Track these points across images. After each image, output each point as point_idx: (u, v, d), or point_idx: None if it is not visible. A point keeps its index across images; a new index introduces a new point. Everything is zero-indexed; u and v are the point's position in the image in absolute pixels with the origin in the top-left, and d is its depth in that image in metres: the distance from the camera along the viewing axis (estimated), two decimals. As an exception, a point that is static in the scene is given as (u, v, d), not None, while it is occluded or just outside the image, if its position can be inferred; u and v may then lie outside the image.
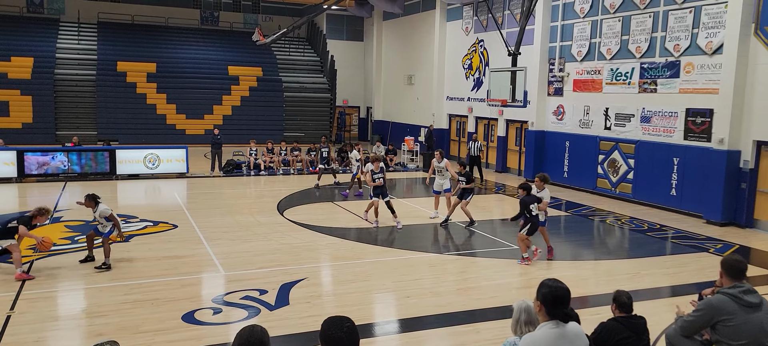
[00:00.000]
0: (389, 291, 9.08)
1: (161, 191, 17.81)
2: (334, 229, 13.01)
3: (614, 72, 17.40)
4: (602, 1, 17.71)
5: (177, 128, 29.69)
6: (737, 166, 13.96)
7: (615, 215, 15.16)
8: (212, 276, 9.56)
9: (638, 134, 16.68)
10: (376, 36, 33.48)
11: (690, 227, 13.89)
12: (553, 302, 3.63)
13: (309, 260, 10.51)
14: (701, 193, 14.64)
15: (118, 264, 9.83)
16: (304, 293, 8.68)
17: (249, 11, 37.23)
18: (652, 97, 16.22)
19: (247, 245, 11.45)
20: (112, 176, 19.30)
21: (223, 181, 19.78)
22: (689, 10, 15.02)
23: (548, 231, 11.21)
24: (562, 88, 19.47)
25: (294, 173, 21.58)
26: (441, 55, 26.68)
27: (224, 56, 33.51)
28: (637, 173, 16.69)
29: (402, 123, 30.80)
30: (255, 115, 31.26)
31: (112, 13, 33.95)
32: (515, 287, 9.31)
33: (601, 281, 9.77)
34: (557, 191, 18.74)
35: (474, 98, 24.49)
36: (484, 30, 23.50)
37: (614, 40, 17.32)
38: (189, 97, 30.61)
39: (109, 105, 29.09)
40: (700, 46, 14.74)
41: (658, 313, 7.69)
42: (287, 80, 33.41)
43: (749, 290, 4.72)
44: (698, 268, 10.52)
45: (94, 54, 31.03)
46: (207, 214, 14.17)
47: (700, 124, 14.84)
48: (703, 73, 14.72)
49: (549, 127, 20.17)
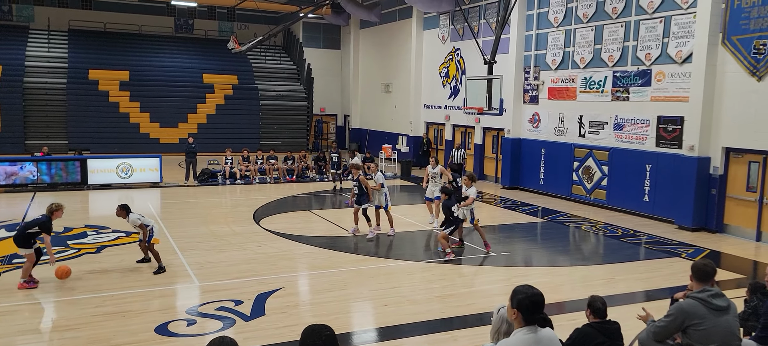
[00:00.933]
0: (367, 300, 9.03)
1: (134, 201, 17.49)
2: (312, 238, 12.92)
3: (588, 80, 17.65)
4: (575, 11, 17.98)
5: (151, 137, 29.31)
6: (707, 173, 14.24)
7: (590, 221, 15.33)
8: (186, 287, 9.41)
9: (612, 142, 16.92)
10: (353, 44, 33.51)
11: (662, 232, 14.12)
12: (530, 308, 3.64)
13: (285, 270, 10.41)
14: (673, 199, 14.89)
15: (89, 276, 9.63)
16: (281, 303, 8.60)
17: (224, 19, 37.00)
18: (624, 105, 16.48)
19: (223, 255, 11.31)
20: (84, 186, 18.94)
21: (197, 190, 19.55)
22: (659, 20, 15.32)
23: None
24: (538, 97, 19.68)
25: (270, 182, 21.43)
26: (418, 63, 26.81)
27: (199, 64, 33.23)
28: (611, 180, 16.93)
29: (380, 131, 30.82)
30: (230, 123, 31.01)
31: (84, 21, 33.45)
32: (493, 293, 9.34)
33: (577, 286, 9.86)
34: (533, 197, 18.92)
35: (451, 106, 24.63)
36: (461, 39, 23.68)
37: (587, 49, 17.58)
38: (163, 105, 30.25)
39: (81, 114, 28.60)
40: (671, 55, 15.04)
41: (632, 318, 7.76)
42: (263, 88, 33.23)
43: (718, 294, 4.80)
44: (671, 273, 10.68)
45: (65, 62, 30.53)
46: (181, 224, 13.97)
47: (671, 132, 15.12)
48: (674, 82, 15.01)
49: (525, 134, 20.36)
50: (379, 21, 29.73)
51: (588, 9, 17.49)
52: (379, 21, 29.73)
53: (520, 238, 13.58)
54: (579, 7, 17.81)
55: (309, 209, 16.49)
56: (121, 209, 10.17)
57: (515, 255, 12.02)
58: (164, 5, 34.42)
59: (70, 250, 11.35)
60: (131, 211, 10.17)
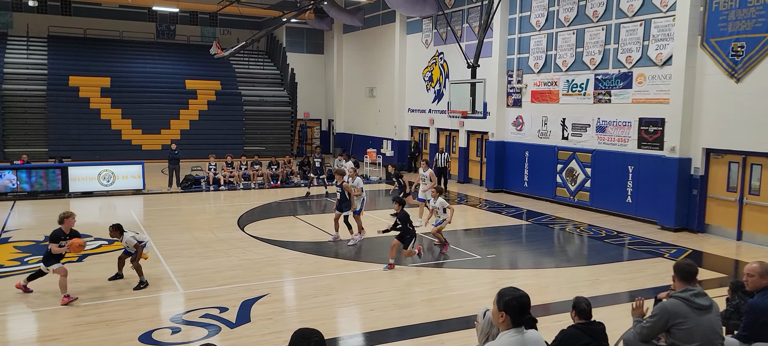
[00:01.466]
0: (353, 305, 9.01)
1: (117, 209, 17.33)
2: (297, 243, 12.87)
3: (570, 83, 17.81)
4: (557, 15, 18.14)
5: (133, 144, 29.03)
6: (688, 173, 14.42)
7: (574, 223, 15.45)
8: (171, 295, 9.32)
9: (594, 144, 17.08)
10: (337, 49, 33.51)
11: (645, 233, 14.26)
12: (518, 309, 3.65)
13: (270, 276, 10.35)
14: (655, 200, 15.05)
15: (71, 285, 9.48)
16: (266, 309, 8.54)
17: (207, 24, 36.81)
18: (606, 108, 16.65)
19: (207, 261, 11.22)
20: (65, 194, 18.69)
21: (181, 197, 19.38)
22: (640, 23, 15.51)
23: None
24: (521, 100, 19.81)
25: (255, 188, 21.31)
26: (402, 67, 26.86)
27: (181, 70, 33.00)
28: (594, 182, 17.08)
29: (364, 135, 30.82)
30: (214, 129, 30.83)
31: (63, 27, 33.07)
32: (480, 296, 9.36)
33: (562, 288, 9.92)
34: (518, 200, 19.02)
35: (435, 110, 24.70)
36: (444, 43, 23.77)
37: (569, 52, 17.74)
38: (145, 111, 29.99)
39: (61, 121, 28.25)
40: (651, 58, 15.23)
41: (616, 318, 7.83)
42: (247, 94, 33.08)
43: (700, 293, 4.86)
44: (654, 273, 10.79)
45: (45, 69, 30.15)
46: (165, 231, 13.84)
47: (652, 133, 15.29)
48: (655, 84, 15.20)
49: (509, 137, 20.48)
50: (362, 25, 29.75)
51: (569, 13, 17.66)
52: (362, 25, 29.75)
53: (505, 240, 13.64)
54: (560, 11, 17.98)
55: (294, 215, 16.43)
56: (115, 229, 9.71)
57: (501, 258, 12.07)
58: (145, 11, 34.15)
59: (51, 259, 11.16)
60: (125, 230, 9.76)
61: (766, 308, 4.96)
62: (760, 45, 12.68)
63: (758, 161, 13.15)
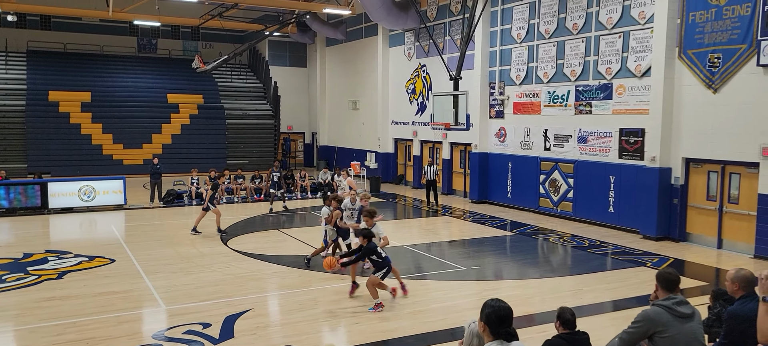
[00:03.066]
0: (337, 318, 8.95)
1: (97, 225, 17.10)
2: (281, 257, 12.78)
3: (551, 95, 17.98)
4: (538, 27, 18.35)
5: (114, 159, 28.72)
6: (669, 183, 14.59)
7: (557, 233, 15.54)
8: (152, 311, 9.19)
9: (576, 154, 17.23)
10: (320, 62, 33.53)
11: (628, 242, 14.38)
12: (496, 321, 3.67)
13: (254, 291, 10.26)
14: (637, 209, 15.20)
15: (50, 302, 9.32)
16: (250, 324, 8.46)
17: (188, 38, 36.65)
18: (587, 119, 16.82)
19: (190, 277, 11.10)
20: (44, 210, 18.40)
21: (163, 212, 19.18)
22: (618, 36, 15.74)
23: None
24: (503, 111, 19.95)
25: (238, 202, 21.17)
26: (384, 80, 26.94)
27: (163, 84, 32.77)
28: (576, 192, 17.21)
29: (348, 148, 30.80)
30: (196, 143, 30.61)
31: (43, 42, 32.74)
32: (464, 308, 9.35)
33: (546, 298, 9.95)
34: (501, 211, 19.09)
35: (418, 122, 24.78)
36: (426, 55, 23.90)
37: (550, 64, 17.93)
38: (126, 126, 29.71)
39: (41, 136, 27.87)
40: (630, 69, 15.44)
41: (601, 328, 7.87)
42: (229, 107, 32.93)
43: (682, 302, 4.89)
44: (637, 282, 10.87)
45: (24, 83, 29.79)
46: (146, 246, 13.67)
47: (633, 144, 15.47)
48: (634, 95, 15.40)
49: (492, 149, 20.59)
50: (345, 39, 29.83)
51: (550, 25, 17.87)
52: (345, 39, 29.83)
53: (489, 252, 13.67)
54: (541, 24, 18.19)
55: (278, 228, 16.33)
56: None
57: (485, 269, 12.09)
58: (127, 25, 33.92)
59: (30, 276, 10.98)
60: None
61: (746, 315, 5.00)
62: (735, 56, 12.92)
63: (736, 170, 13.36)
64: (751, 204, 12.97)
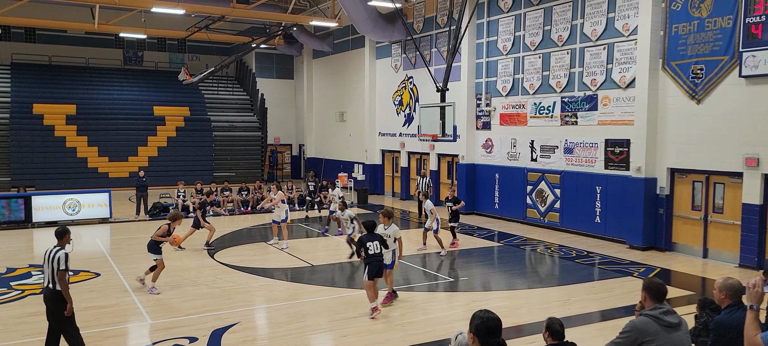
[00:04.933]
0: (326, 331, 8.90)
1: (82, 238, 16.88)
2: (268, 270, 12.70)
3: (537, 106, 18.11)
4: (523, 39, 18.50)
5: (99, 171, 28.45)
6: (654, 193, 14.72)
7: (545, 244, 15.59)
8: (138, 326, 9.08)
9: (562, 165, 17.34)
10: (307, 74, 33.54)
11: (615, 252, 14.47)
12: (486, 332, 3.69)
13: (242, 304, 10.18)
14: (623, 219, 15.31)
15: (34, 318, 9.17)
16: (237, 338, 8.38)
17: (174, 50, 36.52)
18: (573, 129, 16.95)
19: (176, 290, 10.99)
20: (28, 224, 18.16)
21: (149, 225, 18.96)
22: (603, 47, 15.91)
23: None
24: (490, 122, 20.06)
25: (225, 214, 21.03)
26: (372, 91, 26.99)
27: (149, 96, 32.59)
28: (563, 202, 17.30)
29: (335, 160, 30.77)
30: (183, 155, 30.42)
31: (27, 54, 32.46)
32: (453, 319, 9.34)
33: (535, 309, 9.97)
34: (489, 222, 19.14)
35: (406, 133, 24.83)
36: (413, 67, 24.00)
37: (536, 75, 18.07)
38: (112, 139, 29.47)
39: (25, 149, 27.58)
40: (615, 81, 15.60)
41: (588, 338, 7.89)
42: (216, 119, 32.80)
43: (669, 311, 4.91)
44: (624, 292, 10.92)
45: (8, 96, 29.47)
46: (132, 260, 13.52)
47: (618, 154, 15.61)
48: (619, 106, 15.55)
49: (479, 160, 20.67)
50: (332, 51, 29.89)
51: (535, 37, 18.03)
52: (332, 51, 29.89)
53: (477, 263, 13.69)
54: (527, 36, 18.35)
55: (265, 241, 16.24)
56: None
57: (473, 280, 12.10)
58: (112, 37, 33.75)
59: (13, 292, 10.82)
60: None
61: (733, 324, 5.04)
62: (718, 67, 13.11)
63: (720, 180, 13.51)
64: (735, 213, 13.12)
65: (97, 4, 23.50)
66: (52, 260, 7.05)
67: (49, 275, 7.04)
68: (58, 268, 6.99)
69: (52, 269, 7.02)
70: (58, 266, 6.99)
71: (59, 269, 6.99)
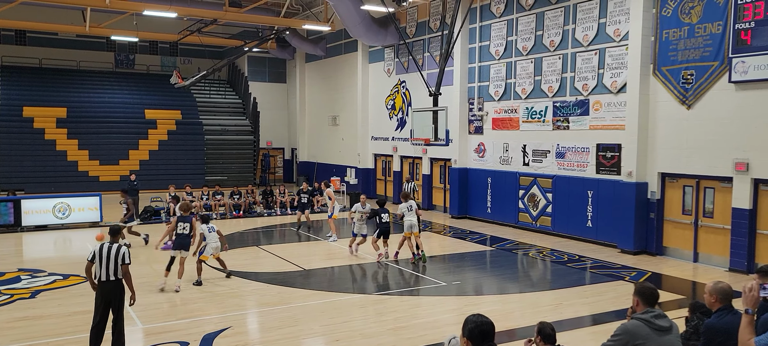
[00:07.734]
0: (318, 336, 8.88)
1: (72, 242, 16.79)
2: (260, 274, 12.66)
3: (529, 111, 18.18)
4: (515, 44, 18.58)
5: (90, 175, 28.27)
6: (645, 197, 14.79)
7: (537, 248, 15.63)
8: (129, 330, 8.98)
9: (554, 169, 17.41)
10: (299, 78, 33.52)
11: (606, 256, 14.52)
12: (479, 336, 3.69)
13: (233, 308, 10.13)
14: (614, 224, 15.37)
15: (23, 323, 9.10)
16: (229, 343, 8.34)
17: (166, 54, 36.40)
18: (565, 134, 17.03)
19: (167, 295, 10.92)
20: (18, 228, 18.02)
21: (140, 228, 18.86)
22: (594, 52, 16.00)
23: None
24: (482, 127, 20.11)
25: (216, 218, 20.94)
26: (364, 96, 27.01)
27: (141, 100, 32.45)
28: (555, 207, 17.36)
29: (328, 163, 30.75)
30: (174, 159, 30.29)
31: (17, 57, 32.25)
32: (446, 323, 9.34)
33: (527, 313, 9.98)
34: (481, 226, 19.16)
35: (398, 138, 24.85)
36: (406, 71, 24.04)
37: (528, 80, 18.14)
38: (103, 142, 29.31)
39: (14, 152, 27.37)
40: (606, 86, 15.69)
41: (580, 342, 7.91)
42: (208, 123, 32.70)
43: (660, 315, 4.94)
44: (616, 296, 10.96)
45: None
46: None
47: (610, 159, 15.68)
48: (610, 111, 15.64)
49: (471, 164, 20.71)
50: (324, 55, 29.89)
51: (527, 42, 18.11)
52: (324, 55, 29.89)
53: (470, 267, 13.70)
54: (519, 41, 18.42)
55: (257, 245, 16.18)
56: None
57: (466, 284, 12.10)
58: (104, 40, 33.62)
59: (2, 296, 10.71)
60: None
61: (723, 328, 5.07)
62: (708, 73, 13.21)
63: (711, 185, 13.60)
64: (725, 218, 13.21)
65: (88, 6, 23.43)
66: (114, 255, 7.61)
67: (113, 268, 7.59)
68: (123, 262, 7.64)
69: (115, 263, 7.59)
70: (123, 260, 7.63)
71: (125, 262, 7.64)
